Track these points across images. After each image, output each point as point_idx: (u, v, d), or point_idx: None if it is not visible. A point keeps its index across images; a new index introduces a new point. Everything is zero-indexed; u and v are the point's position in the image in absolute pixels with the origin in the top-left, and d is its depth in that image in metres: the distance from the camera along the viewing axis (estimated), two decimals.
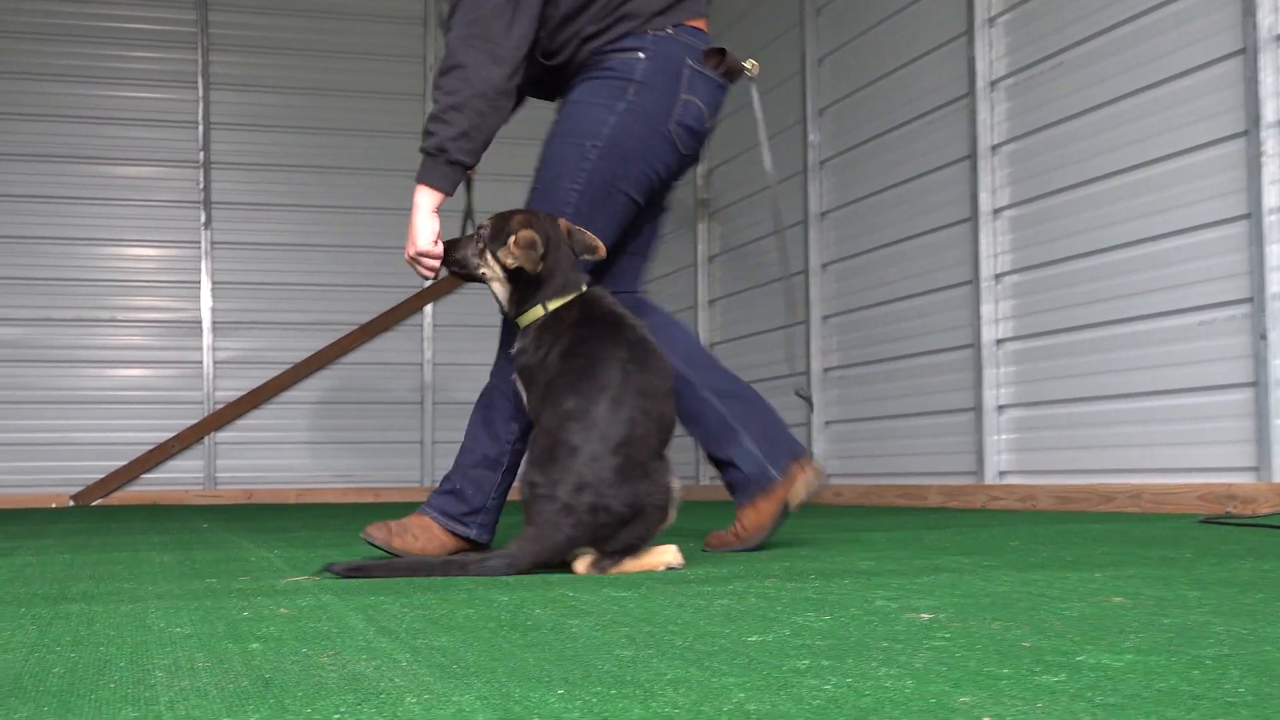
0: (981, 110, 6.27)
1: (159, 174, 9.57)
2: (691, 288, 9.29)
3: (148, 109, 9.57)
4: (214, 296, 9.53)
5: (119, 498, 9.32)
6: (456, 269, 3.23)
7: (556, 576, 2.75)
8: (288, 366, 9.59)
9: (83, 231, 9.48)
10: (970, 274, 6.34)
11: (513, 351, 3.15)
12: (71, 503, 9.16)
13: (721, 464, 3.51)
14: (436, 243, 3.22)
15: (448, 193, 3.24)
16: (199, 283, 9.54)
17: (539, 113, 3.74)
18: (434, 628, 1.93)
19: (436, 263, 3.23)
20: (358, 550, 3.62)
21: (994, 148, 6.23)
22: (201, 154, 9.43)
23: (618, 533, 2.85)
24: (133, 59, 9.59)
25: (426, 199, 3.21)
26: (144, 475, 9.41)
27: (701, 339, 9.02)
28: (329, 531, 4.79)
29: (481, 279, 3.20)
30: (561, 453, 2.86)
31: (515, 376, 3.16)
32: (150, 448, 9.42)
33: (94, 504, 9.17)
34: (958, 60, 6.49)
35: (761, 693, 1.38)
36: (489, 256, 3.14)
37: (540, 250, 3.05)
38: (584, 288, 3.14)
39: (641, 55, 3.33)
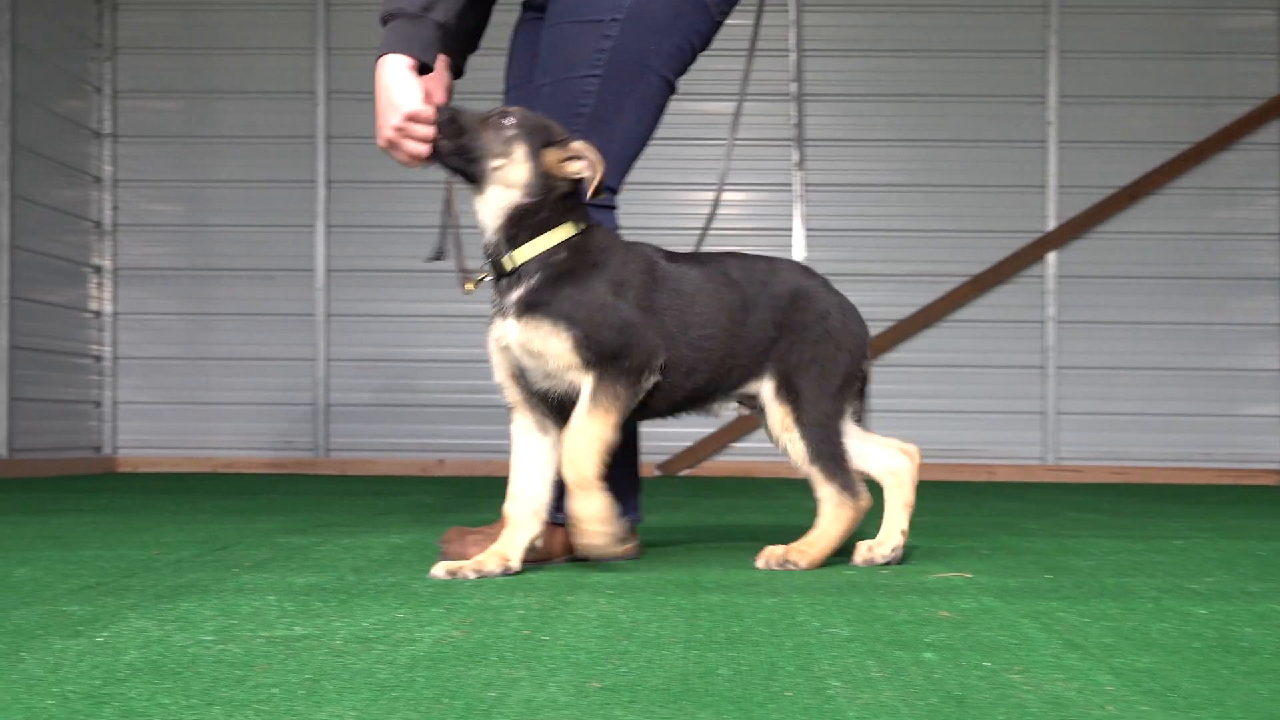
0: None
1: (747, 109, 9.87)
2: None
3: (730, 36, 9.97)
4: (807, 246, 9.75)
5: (706, 468, 9.79)
6: (460, 153, 2.75)
7: (1258, 587, 2.63)
8: (889, 325, 9.72)
9: (654, 176, 9.96)
10: None
11: (517, 297, 2.75)
12: (658, 472, 9.71)
13: None
14: (428, 103, 2.76)
15: (429, 63, 2.81)
16: (790, 229, 9.78)
17: None
18: (1128, 644, 1.91)
19: (431, 131, 2.74)
20: (952, 539, 3.62)
21: None
22: (794, 85, 9.68)
23: None
24: None
25: (400, 61, 2.78)
26: (732, 444, 9.82)
27: None
28: (940, 515, 4.80)
29: (480, 177, 2.75)
30: None
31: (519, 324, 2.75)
32: (737, 416, 9.78)
33: (681, 474, 9.68)
34: None
35: None
36: (523, 152, 2.74)
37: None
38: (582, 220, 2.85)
39: None
